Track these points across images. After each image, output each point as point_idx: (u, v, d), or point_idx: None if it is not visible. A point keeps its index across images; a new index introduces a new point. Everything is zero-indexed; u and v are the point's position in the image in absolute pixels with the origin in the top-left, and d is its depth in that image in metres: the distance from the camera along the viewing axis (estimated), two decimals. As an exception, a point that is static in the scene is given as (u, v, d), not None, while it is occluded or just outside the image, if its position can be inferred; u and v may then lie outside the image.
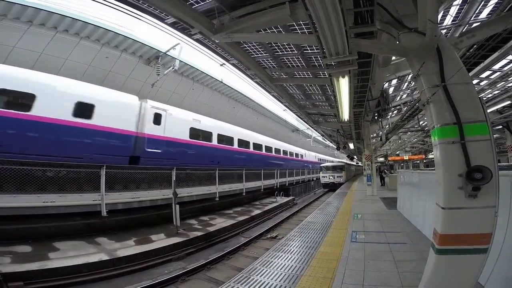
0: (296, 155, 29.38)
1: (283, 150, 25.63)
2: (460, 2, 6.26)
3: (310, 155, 35.13)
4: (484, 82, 10.55)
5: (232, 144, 16.63)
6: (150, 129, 11.04)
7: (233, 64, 7.29)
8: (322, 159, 37.92)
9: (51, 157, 7.81)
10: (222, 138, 15.46)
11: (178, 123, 12.45)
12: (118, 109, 10.15)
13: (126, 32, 12.67)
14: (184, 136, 12.71)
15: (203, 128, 14.08)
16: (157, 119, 11.43)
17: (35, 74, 8.63)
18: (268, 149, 22.00)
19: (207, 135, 14.28)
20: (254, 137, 20.00)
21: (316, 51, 6.31)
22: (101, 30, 11.89)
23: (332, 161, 38.91)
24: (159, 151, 11.21)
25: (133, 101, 10.95)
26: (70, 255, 6.03)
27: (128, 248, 6.89)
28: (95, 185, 7.63)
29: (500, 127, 17.68)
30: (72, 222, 7.46)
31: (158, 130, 11.36)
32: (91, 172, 7.67)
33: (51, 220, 6.97)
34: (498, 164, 2.62)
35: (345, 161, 40.08)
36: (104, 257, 6.13)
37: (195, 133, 13.36)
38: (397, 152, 33.88)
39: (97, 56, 12.57)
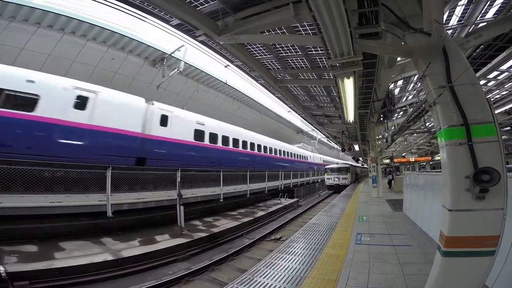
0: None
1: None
2: (465, 2, 6.20)
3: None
4: (492, 82, 10.40)
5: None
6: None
7: (237, 66, 7.30)
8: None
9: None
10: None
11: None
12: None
13: (132, 33, 12.81)
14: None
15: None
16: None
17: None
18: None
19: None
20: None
21: (320, 52, 6.29)
22: (107, 32, 12.05)
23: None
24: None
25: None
26: (75, 255, 6.07)
27: (133, 248, 6.92)
28: (101, 185, 7.68)
29: (508, 128, 17.43)
30: (78, 222, 7.52)
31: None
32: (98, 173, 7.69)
33: (57, 220, 7.03)
34: (507, 165, 2.58)
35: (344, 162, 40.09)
36: (109, 257, 6.15)
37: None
38: (403, 154, 33.53)
39: (104, 57, 12.73)
